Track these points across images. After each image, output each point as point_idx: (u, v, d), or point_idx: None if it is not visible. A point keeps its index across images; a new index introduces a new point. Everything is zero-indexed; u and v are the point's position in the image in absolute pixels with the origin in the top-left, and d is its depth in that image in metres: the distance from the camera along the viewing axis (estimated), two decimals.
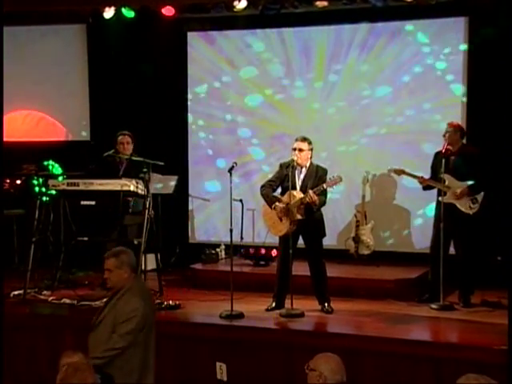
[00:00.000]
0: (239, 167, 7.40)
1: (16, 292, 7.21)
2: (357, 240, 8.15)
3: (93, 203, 7.11)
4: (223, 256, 8.48)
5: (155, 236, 7.39)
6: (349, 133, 8.70)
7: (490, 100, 7.82)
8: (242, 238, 8.32)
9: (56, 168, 8.38)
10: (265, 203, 6.78)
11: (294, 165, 6.58)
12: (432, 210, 7.37)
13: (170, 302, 6.87)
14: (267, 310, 6.72)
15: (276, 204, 6.64)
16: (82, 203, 7.13)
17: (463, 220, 6.91)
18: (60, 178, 7.41)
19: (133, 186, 7.07)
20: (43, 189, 7.45)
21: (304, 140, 6.68)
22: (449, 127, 7.05)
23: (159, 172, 7.78)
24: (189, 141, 9.28)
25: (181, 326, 6.45)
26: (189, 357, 6.18)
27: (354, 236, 8.17)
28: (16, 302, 7.02)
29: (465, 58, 8.13)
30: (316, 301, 6.76)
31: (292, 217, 6.52)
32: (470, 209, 6.89)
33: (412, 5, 7.95)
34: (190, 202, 9.24)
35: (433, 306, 6.78)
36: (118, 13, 8.69)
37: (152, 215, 7.16)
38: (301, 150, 6.62)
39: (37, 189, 7.66)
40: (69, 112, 9.51)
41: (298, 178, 6.69)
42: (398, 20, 8.34)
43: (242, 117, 9.11)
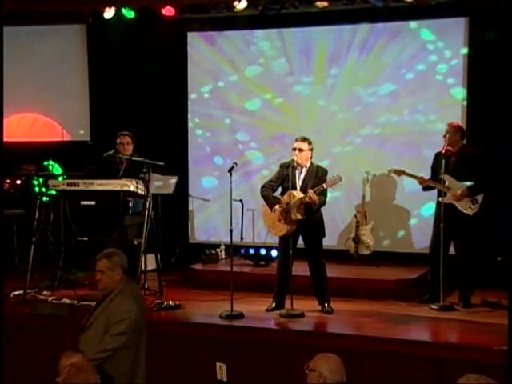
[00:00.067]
0: (239, 167, 7.39)
1: (16, 292, 7.21)
2: (357, 240, 8.14)
3: (93, 203, 7.11)
4: (223, 256, 8.48)
5: (155, 236, 7.39)
6: (349, 133, 8.70)
7: (490, 101, 7.81)
8: (242, 238, 8.33)
9: (56, 168, 8.39)
10: (265, 203, 6.79)
11: (294, 165, 6.58)
12: (428, 210, 7.35)
13: (170, 302, 6.86)
14: (267, 311, 6.72)
15: (275, 208, 6.64)
16: (82, 203, 7.13)
17: (463, 220, 6.91)
18: (60, 178, 7.42)
19: (133, 187, 7.07)
20: (43, 189, 7.45)
21: (304, 140, 6.68)
22: (449, 128, 7.04)
23: (159, 172, 7.78)
24: (189, 141, 9.28)
25: (181, 327, 6.45)
26: (189, 357, 6.18)
27: (354, 236, 8.16)
28: (16, 302, 7.03)
29: (465, 62, 8.12)
30: (316, 301, 6.75)
31: (292, 217, 6.53)
32: (470, 209, 6.88)
33: (412, 5, 7.96)
34: (190, 202, 9.23)
35: (433, 307, 6.77)
36: (118, 13, 8.70)
37: (152, 215, 7.16)
38: (301, 150, 6.62)
39: (37, 189, 7.67)
40: (69, 112, 9.50)
41: (299, 178, 6.68)
42: (398, 20, 8.33)
43: (243, 117, 9.10)
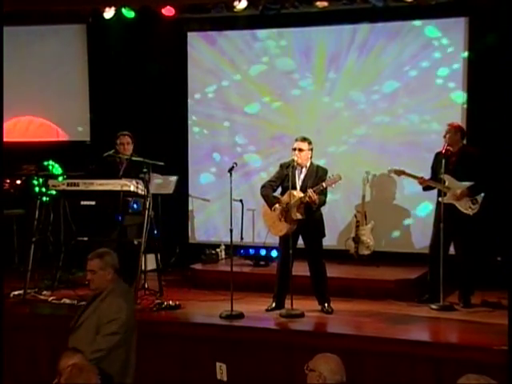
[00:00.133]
0: (239, 167, 7.39)
1: (16, 292, 7.20)
2: (357, 240, 8.14)
3: (93, 203, 7.11)
4: (223, 256, 8.48)
5: (155, 236, 7.39)
6: (349, 133, 8.69)
7: (489, 103, 7.80)
8: (242, 238, 8.33)
9: (56, 168, 8.39)
10: (265, 203, 6.79)
11: (294, 165, 6.58)
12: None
13: (170, 302, 6.86)
14: (267, 310, 6.71)
15: (275, 206, 6.64)
16: (82, 203, 7.13)
17: (463, 220, 6.91)
18: (60, 178, 7.42)
19: (133, 187, 7.07)
20: (43, 189, 7.45)
21: (304, 140, 6.68)
22: (449, 128, 7.03)
23: (159, 172, 7.78)
24: (189, 141, 9.28)
25: (181, 326, 6.44)
26: (189, 357, 6.18)
27: (354, 236, 8.16)
28: (16, 302, 7.03)
29: (465, 65, 8.12)
30: (316, 301, 6.75)
31: (292, 216, 6.53)
32: (470, 209, 6.88)
33: (412, 5, 7.95)
34: (190, 202, 9.23)
35: (433, 307, 6.77)
36: (118, 13, 8.70)
37: (152, 215, 7.16)
38: (301, 150, 6.62)
39: (37, 189, 7.66)
40: (69, 112, 9.50)
41: (298, 178, 6.68)
42: (398, 20, 8.33)
43: (243, 117, 9.09)
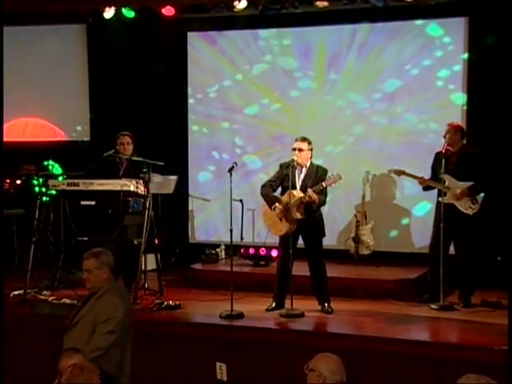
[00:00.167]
0: (239, 167, 7.39)
1: (16, 292, 7.21)
2: (357, 240, 8.14)
3: (93, 203, 7.11)
4: (223, 256, 8.48)
5: (155, 236, 7.39)
6: (349, 133, 8.69)
7: (489, 102, 7.80)
8: (242, 238, 8.31)
9: (56, 168, 8.39)
10: (265, 203, 6.78)
11: (294, 165, 6.58)
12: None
13: (170, 302, 6.86)
14: (267, 310, 6.71)
15: (275, 205, 6.64)
16: (82, 203, 7.13)
17: (463, 220, 6.90)
18: (60, 178, 7.42)
19: (133, 186, 7.07)
20: (43, 189, 7.45)
21: (304, 140, 6.68)
22: (449, 128, 7.03)
23: (159, 172, 7.78)
24: (189, 141, 9.27)
25: (181, 326, 6.45)
26: (189, 357, 6.18)
27: (354, 236, 8.16)
28: (16, 302, 7.02)
29: (465, 67, 8.12)
30: (316, 301, 6.75)
31: (292, 216, 6.53)
32: (471, 209, 6.88)
33: (412, 5, 7.95)
34: (190, 202, 9.23)
35: (433, 306, 6.77)
36: (118, 13, 8.69)
37: (152, 215, 7.16)
38: (300, 150, 6.62)
39: (37, 189, 7.67)
40: (69, 112, 9.49)
41: (298, 178, 6.68)
42: (398, 20, 8.34)
43: (243, 117, 9.09)
